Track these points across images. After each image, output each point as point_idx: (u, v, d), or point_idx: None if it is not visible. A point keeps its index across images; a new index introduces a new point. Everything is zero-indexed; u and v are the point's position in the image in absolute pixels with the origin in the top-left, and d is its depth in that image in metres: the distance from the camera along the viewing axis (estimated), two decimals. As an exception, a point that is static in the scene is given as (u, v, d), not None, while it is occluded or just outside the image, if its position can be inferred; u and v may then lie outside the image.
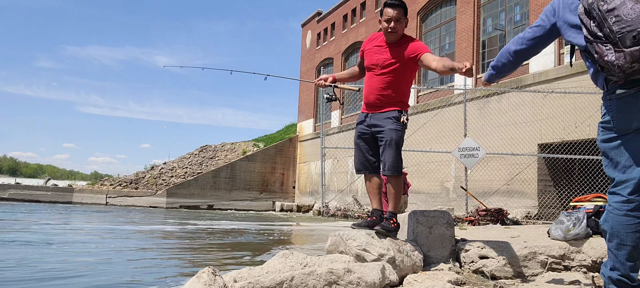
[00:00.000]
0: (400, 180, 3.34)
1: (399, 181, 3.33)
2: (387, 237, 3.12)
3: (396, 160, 3.32)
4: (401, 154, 3.35)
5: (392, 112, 3.36)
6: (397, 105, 3.37)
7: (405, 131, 3.39)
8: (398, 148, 3.33)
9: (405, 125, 3.36)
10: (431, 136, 16.62)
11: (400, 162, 3.34)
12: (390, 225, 3.24)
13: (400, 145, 3.35)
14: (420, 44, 3.44)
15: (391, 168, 3.32)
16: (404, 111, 3.38)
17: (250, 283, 2.47)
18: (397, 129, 3.33)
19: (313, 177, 28.61)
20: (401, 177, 3.34)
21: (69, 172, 75.78)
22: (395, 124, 3.34)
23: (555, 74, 14.31)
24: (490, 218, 8.25)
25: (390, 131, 3.33)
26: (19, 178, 48.25)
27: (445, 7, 20.34)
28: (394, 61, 3.35)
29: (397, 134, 3.32)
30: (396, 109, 3.36)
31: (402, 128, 3.35)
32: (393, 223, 3.26)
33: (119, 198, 26.42)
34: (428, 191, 17.54)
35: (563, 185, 12.85)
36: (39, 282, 4.85)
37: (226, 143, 32.86)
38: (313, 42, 31.50)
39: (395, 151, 3.32)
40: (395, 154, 3.32)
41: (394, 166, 3.32)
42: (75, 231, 11.02)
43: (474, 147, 9.22)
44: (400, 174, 3.34)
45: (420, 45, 3.41)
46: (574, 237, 3.32)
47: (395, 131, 3.32)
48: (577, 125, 12.51)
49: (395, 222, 3.27)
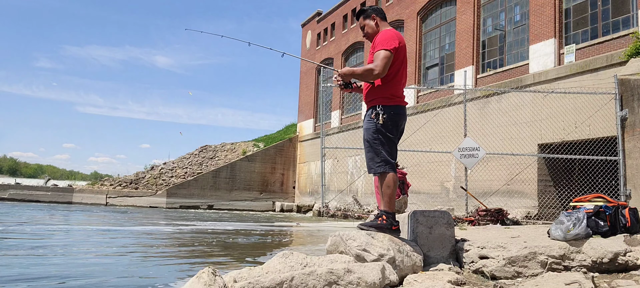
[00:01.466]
0: (386, 177, 3.28)
1: (385, 179, 3.28)
2: (387, 236, 3.12)
3: (370, 159, 3.32)
4: (380, 152, 3.28)
5: (370, 110, 3.41)
6: (374, 102, 3.37)
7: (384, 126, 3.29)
8: (372, 146, 3.29)
9: (379, 119, 3.28)
10: (431, 136, 16.61)
11: (379, 160, 3.28)
12: (375, 221, 3.26)
13: (376, 143, 3.29)
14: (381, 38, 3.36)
15: (367, 168, 3.36)
16: (377, 106, 3.33)
17: (250, 283, 2.47)
18: (369, 127, 3.33)
19: (313, 177, 28.61)
20: (387, 174, 3.28)
21: (69, 172, 75.90)
22: (368, 122, 3.36)
23: (555, 74, 14.31)
24: (490, 219, 8.24)
25: (365, 131, 3.37)
26: (19, 178, 48.27)
27: (445, 7, 20.33)
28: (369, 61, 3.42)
29: (368, 132, 3.34)
30: (371, 106, 3.38)
31: (374, 124, 3.30)
32: (381, 220, 3.25)
33: (119, 198, 26.42)
34: (428, 191, 17.54)
35: (563, 185, 12.84)
36: (37, 281, 4.85)
37: (226, 143, 32.86)
38: (313, 42, 31.50)
39: (369, 150, 3.32)
40: (369, 154, 3.32)
41: (368, 166, 3.35)
42: (75, 231, 11.01)
43: (474, 147, 9.21)
44: (382, 173, 3.29)
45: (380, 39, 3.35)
46: (574, 237, 3.31)
47: (367, 130, 3.35)
48: (577, 125, 12.50)
49: (383, 219, 3.26)
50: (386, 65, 3.27)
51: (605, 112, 10.82)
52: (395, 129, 3.37)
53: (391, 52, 3.28)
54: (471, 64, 17.92)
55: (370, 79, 3.33)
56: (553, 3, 14.85)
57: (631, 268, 3.22)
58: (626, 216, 3.65)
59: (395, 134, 3.40)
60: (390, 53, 3.27)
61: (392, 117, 3.32)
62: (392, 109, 3.33)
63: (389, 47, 3.28)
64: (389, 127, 3.31)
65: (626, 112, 8.12)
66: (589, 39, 14.05)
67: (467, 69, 17.42)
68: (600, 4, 13.91)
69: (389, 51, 3.27)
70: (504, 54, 16.99)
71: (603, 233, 3.50)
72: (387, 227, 3.23)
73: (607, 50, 13.17)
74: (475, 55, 17.99)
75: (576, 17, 14.55)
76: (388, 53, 3.26)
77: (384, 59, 3.25)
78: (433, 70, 20.87)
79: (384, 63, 3.26)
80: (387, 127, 3.30)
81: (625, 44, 12.34)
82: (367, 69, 3.27)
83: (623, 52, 11.78)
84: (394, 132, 3.37)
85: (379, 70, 3.24)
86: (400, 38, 3.41)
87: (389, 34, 3.37)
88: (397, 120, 3.38)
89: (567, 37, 14.72)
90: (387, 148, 3.30)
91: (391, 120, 3.32)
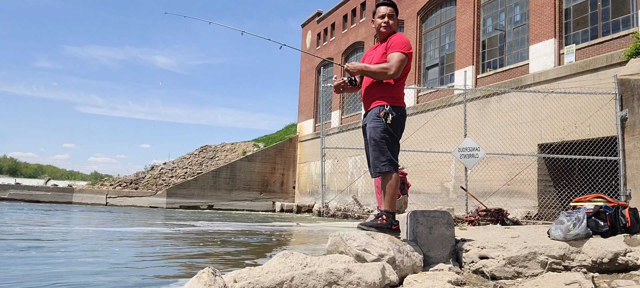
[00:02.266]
0: (389, 178, 3.29)
1: (388, 179, 3.30)
2: (387, 236, 3.12)
3: (376, 158, 3.32)
4: (386, 151, 3.29)
5: (374, 108, 3.40)
6: (380, 101, 3.38)
7: (392, 126, 3.31)
8: (378, 145, 3.30)
9: (388, 118, 3.31)
10: (431, 136, 16.62)
11: (385, 160, 3.29)
12: (375, 221, 3.27)
13: (383, 142, 3.30)
14: (398, 40, 3.41)
15: (372, 167, 3.36)
16: (386, 105, 3.34)
17: (250, 283, 2.47)
18: (377, 125, 3.32)
19: (313, 177, 28.61)
20: (391, 174, 3.29)
21: (69, 172, 75.92)
22: (375, 121, 3.35)
23: (555, 74, 14.31)
24: (490, 219, 8.24)
25: (371, 129, 3.36)
26: (19, 178, 48.27)
27: (445, 7, 20.33)
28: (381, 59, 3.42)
29: (375, 131, 3.33)
30: (378, 105, 3.38)
31: (382, 123, 3.31)
32: (381, 220, 3.26)
33: (119, 198, 26.42)
34: (428, 191, 17.54)
35: (563, 185, 12.84)
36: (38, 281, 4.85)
37: (226, 143, 32.86)
38: (313, 42, 31.50)
39: (375, 149, 3.32)
40: (374, 152, 3.33)
41: (373, 165, 3.35)
42: (74, 232, 11.01)
43: (474, 147, 9.21)
44: (386, 172, 3.29)
45: (397, 42, 3.40)
46: (574, 237, 3.31)
47: (374, 128, 3.34)
48: (577, 125, 12.50)
49: (383, 219, 3.27)
50: (400, 69, 3.35)
51: (605, 112, 10.82)
52: (400, 130, 3.43)
53: (407, 56, 3.38)
54: (471, 64, 17.92)
55: (384, 78, 3.37)
56: (553, 3, 14.85)
57: (631, 268, 3.22)
58: (626, 216, 3.65)
59: (400, 135, 3.45)
60: (406, 57, 3.37)
61: (398, 118, 3.37)
62: (399, 110, 3.39)
63: (406, 51, 3.37)
64: (395, 128, 3.36)
65: (626, 112, 8.12)
66: (589, 39, 14.05)
67: (467, 69, 17.42)
68: (600, 4, 13.91)
69: (406, 55, 3.37)
70: (504, 54, 16.99)
71: (603, 234, 3.50)
72: (387, 227, 3.24)
73: (607, 50, 13.17)
74: (475, 55, 18.00)
75: (576, 17, 14.56)
76: (404, 56, 3.36)
77: (400, 62, 3.34)
78: (433, 70, 20.87)
79: (400, 66, 3.34)
80: (394, 127, 3.34)
81: (625, 44, 12.34)
82: (384, 68, 3.33)
83: (623, 52, 11.78)
84: (399, 133, 3.42)
85: (394, 71, 3.32)
86: (411, 44, 3.51)
87: (404, 38, 3.46)
88: (402, 122, 3.44)
89: (567, 37, 14.72)
90: (392, 149, 3.34)
91: (397, 121, 3.37)
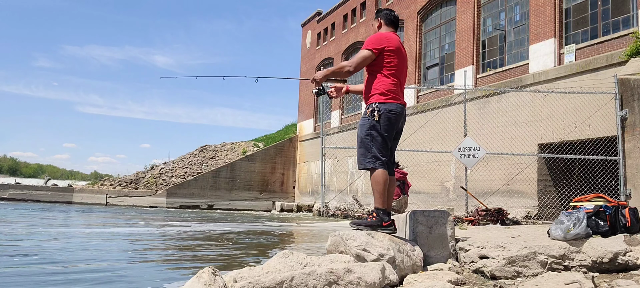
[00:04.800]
0: (378, 175, 3.27)
1: (376, 176, 3.27)
2: (387, 236, 3.12)
3: (361, 155, 3.34)
4: (371, 148, 3.29)
5: (367, 107, 3.44)
6: (372, 98, 3.40)
7: (380, 123, 3.30)
8: (363, 142, 3.32)
9: (374, 115, 3.30)
10: (431, 136, 16.62)
11: (371, 156, 3.28)
12: (366, 219, 3.28)
13: (368, 139, 3.30)
14: (369, 38, 3.48)
15: (358, 163, 3.38)
16: (373, 103, 3.35)
17: (250, 283, 2.47)
18: (364, 123, 3.36)
19: (313, 177, 28.61)
20: (376, 171, 3.27)
21: (69, 172, 75.86)
22: (363, 119, 3.40)
23: (555, 74, 14.31)
24: (490, 218, 8.24)
25: (359, 127, 3.41)
26: (19, 178, 48.22)
27: (445, 7, 20.33)
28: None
29: (361, 128, 3.37)
30: (370, 102, 3.41)
31: (369, 121, 3.32)
32: (371, 217, 3.28)
33: (119, 198, 26.42)
34: (428, 191, 17.54)
35: (563, 185, 12.84)
36: (37, 277, 4.85)
37: (226, 143, 32.86)
38: (313, 42, 31.50)
39: (360, 145, 3.35)
40: (360, 149, 3.35)
41: (359, 161, 3.38)
42: (73, 232, 11.02)
43: (474, 147, 9.21)
44: (372, 168, 3.28)
45: (367, 40, 3.48)
46: (574, 237, 3.31)
47: (361, 126, 3.38)
48: (577, 125, 12.50)
49: (373, 216, 3.28)
50: (360, 64, 3.39)
51: (605, 112, 10.82)
52: (390, 127, 3.35)
53: (372, 52, 3.38)
54: (471, 63, 17.92)
55: (343, 76, 3.46)
56: (553, 3, 14.84)
57: (631, 268, 3.22)
58: (626, 216, 3.65)
59: (391, 132, 3.38)
60: (371, 53, 3.38)
61: (387, 115, 3.32)
62: (388, 106, 3.33)
63: (370, 47, 3.39)
64: (383, 124, 3.31)
65: (626, 112, 8.12)
66: (589, 39, 14.05)
67: (467, 68, 17.41)
68: (600, 4, 13.91)
69: (370, 51, 3.39)
70: (504, 54, 16.99)
71: (603, 233, 3.50)
72: (377, 224, 3.23)
73: (607, 50, 13.16)
74: (475, 55, 17.99)
75: (576, 17, 14.55)
76: (367, 53, 3.39)
77: (360, 58, 3.40)
78: (433, 70, 20.87)
79: (359, 61, 3.39)
80: (382, 124, 3.31)
81: (625, 43, 12.34)
82: (341, 66, 3.41)
83: (623, 52, 11.78)
84: (389, 130, 3.35)
85: (350, 67, 3.38)
86: (390, 40, 3.43)
87: (377, 35, 3.47)
88: (393, 119, 3.36)
89: (567, 37, 14.72)
90: (379, 146, 3.30)
91: (386, 118, 3.32)
